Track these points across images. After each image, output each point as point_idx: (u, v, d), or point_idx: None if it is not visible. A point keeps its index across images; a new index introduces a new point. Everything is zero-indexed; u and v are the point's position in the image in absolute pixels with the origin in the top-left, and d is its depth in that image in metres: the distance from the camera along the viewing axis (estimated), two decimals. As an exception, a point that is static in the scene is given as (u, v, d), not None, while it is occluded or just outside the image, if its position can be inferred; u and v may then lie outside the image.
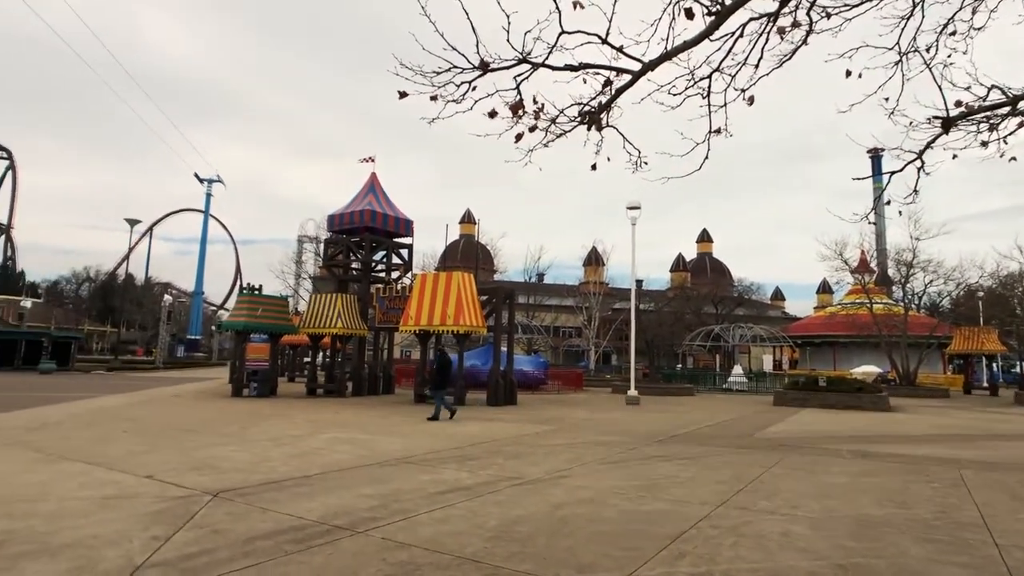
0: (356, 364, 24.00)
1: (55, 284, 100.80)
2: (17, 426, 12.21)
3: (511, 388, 21.44)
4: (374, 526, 5.57)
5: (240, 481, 7.40)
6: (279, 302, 24.54)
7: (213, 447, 10.12)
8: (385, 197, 26.40)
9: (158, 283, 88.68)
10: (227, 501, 6.39)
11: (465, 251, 64.92)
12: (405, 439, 11.68)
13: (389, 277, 26.48)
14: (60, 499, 6.37)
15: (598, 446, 11.35)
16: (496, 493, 7.07)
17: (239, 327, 22.25)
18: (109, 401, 18.83)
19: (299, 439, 11.32)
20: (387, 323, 23.80)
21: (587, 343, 55.08)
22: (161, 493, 6.70)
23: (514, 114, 4.15)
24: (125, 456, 9.03)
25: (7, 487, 6.86)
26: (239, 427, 12.96)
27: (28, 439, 10.49)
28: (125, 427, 12.42)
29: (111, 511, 5.94)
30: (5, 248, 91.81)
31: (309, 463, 8.77)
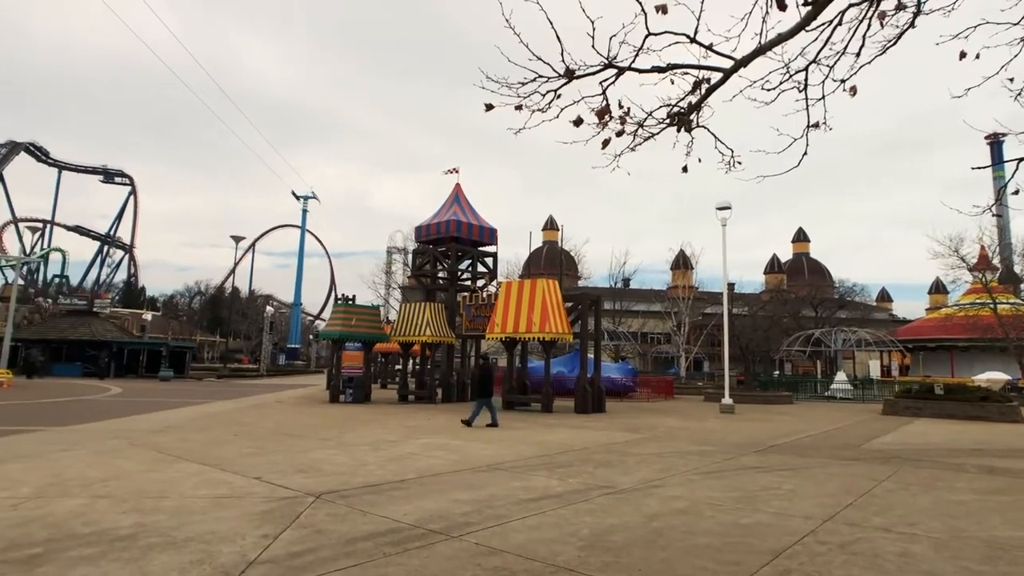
0: (445, 371, 24.53)
1: (171, 298, 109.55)
2: (142, 429, 13.33)
3: (599, 395, 21.21)
4: (468, 531, 5.64)
5: (340, 484, 7.72)
6: (371, 312, 25.51)
7: (315, 451, 10.63)
8: (469, 207, 26.91)
9: (260, 295, 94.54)
10: (329, 503, 6.67)
11: (548, 258, 65.02)
12: (495, 445, 11.80)
13: (475, 285, 26.93)
14: (180, 496, 6.88)
15: (692, 455, 11.01)
16: (587, 502, 7.00)
17: (335, 336, 23.30)
18: (220, 406, 20.21)
19: (394, 444, 11.69)
20: (473, 331, 24.18)
21: (677, 349, 53.64)
22: (269, 494, 7.09)
23: (600, 120, 4.12)
24: (236, 458, 9.64)
25: (136, 484, 7.49)
26: (337, 432, 13.55)
27: (152, 440, 11.42)
28: (235, 431, 13.28)
29: (225, 509, 6.35)
30: (129, 266, 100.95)
31: (405, 468, 9.03)
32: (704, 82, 4.15)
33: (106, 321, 46.23)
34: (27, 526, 5.53)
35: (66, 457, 9.30)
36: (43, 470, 8.21)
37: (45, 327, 44.13)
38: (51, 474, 7.96)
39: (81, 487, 7.23)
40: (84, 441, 11.20)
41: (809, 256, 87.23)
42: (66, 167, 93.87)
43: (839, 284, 71.28)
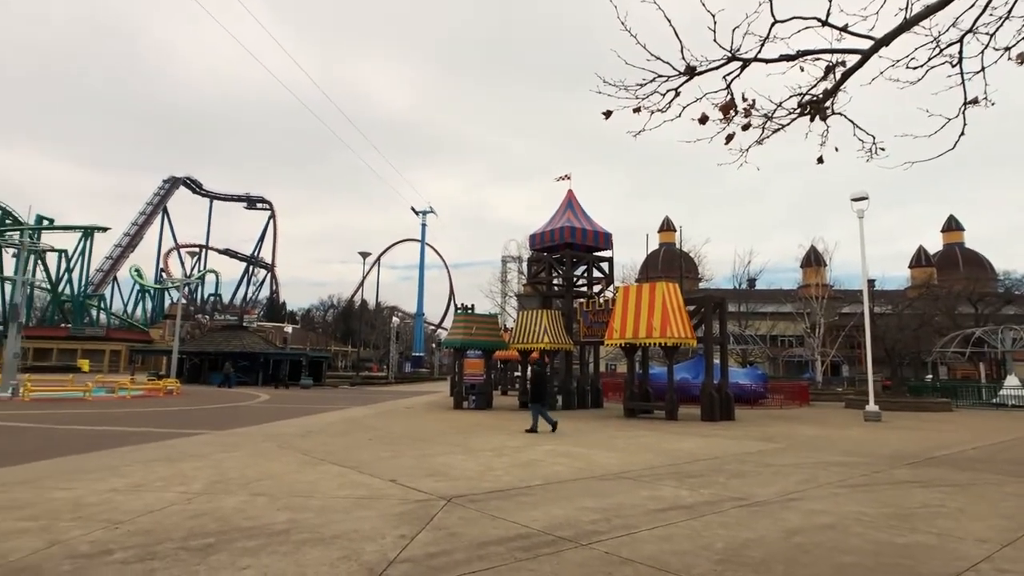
0: (564, 378, 24.54)
1: (308, 312, 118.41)
2: (289, 433, 14.47)
3: (727, 402, 20.28)
4: (597, 539, 5.59)
5: (469, 488, 7.94)
6: (490, 320, 26.10)
7: (443, 455, 11.02)
8: (583, 212, 26.83)
9: (386, 307, 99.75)
10: (459, 507, 6.88)
11: (666, 260, 63.28)
12: (620, 453, 11.62)
13: (591, 291, 26.77)
14: (325, 496, 7.39)
15: (835, 467, 10.22)
16: (721, 514, 6.70)
17: (457, 344, 24.07)
18: (355, 412, 21.50)
19: (519, 450, 11.85)
20: (592, 337, 24.02)
21: (811, 352, 50.12)
22: (404, 496, 7.44)
23: (725, 115, 3.96)
24: (372, 461, 10.20)
25: (286, 484, 8.13)
26: (463, 437, 13.96)
27: (298, 444, 12.37)
28: (370, 435, 14.07)
29: (365, 510, 6.73)
30: (271, 284, 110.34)
31: (530, 474, 9.13)
32: (838, 66, 3.87)
33: (254, 334, 50.81)
34: (200, 519, 6.18)
35: (227, 458, 10.29)
36: (210, 469, 9.14)
37: (204, 340, 49.25)
38: (216, 473, 8.83)
39: (241, 486, 7.96)
40: (241, 444, 12.34)
41: (963, 246, 78.29)
42: (216, 197, 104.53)
43: (1003, 276, 63.27)
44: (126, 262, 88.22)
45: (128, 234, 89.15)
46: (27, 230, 68.85)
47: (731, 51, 3.82)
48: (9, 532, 5.56)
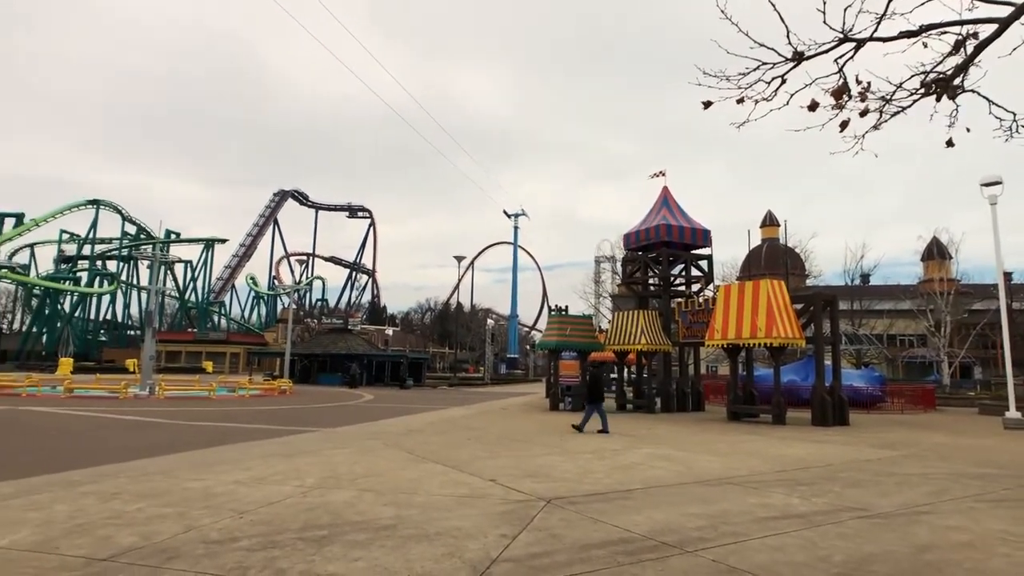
0: (663, 380, 23.95)
1: (407, 315, 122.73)
2: (393, 431, 15.03)
3: (841, 406, 19.02)
4: (703, 546, 5.40)
5: (569, 490, 7.91)
6: (585, 321, 25.92)
7: (541, 456, 11.05)
8: (679, 209, 26.10)
9: (481, 309, 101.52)
10: (559, 508, 6.87)
11: (769, 256, 60.29)
12: (723, 458, 11.19)
13: (689, 290, 25.97)
14: (428, 494, 7.60)
15: (969, 479, 9.32)
16: (838, 525, 6.28)
17: (552, 346, 24.09)
18: (453, 412, 22.02)
19: (617, 453, 11.68)
20: (691, 338, 23.29)
21: (936, 353, 46.08)
22: (504, 496, 7.52)
23: (837, 100, 3.71)
24: (471, 460, 10.40)
25: (392, 481, 8.44)
26: (560, 439, 13.94)
27: (401, 442, 12.82)
28: (468, 435, 14.35)
29: (467, 508, 6.86)
30: (372, 288, 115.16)
31: (630, 477, 8.97)
32: (970, 38, 3.52)
33: (357, 337, 53.28)
34: (314, 511, 6.53)
35: (337, 455, 10.83)
36: (321, 465, 9.66)
37: (313, 343, 52.19)
38: (327, 468, 9.31)
39: (350, 481, 8.34)
40: (349, 441, 12.95)
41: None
42: (321, 207, 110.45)
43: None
44: (242, 271, 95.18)
45: (244, 245, 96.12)
46: (158, 244, 75.91)
47: (843, 32, 3.57)
48: (153, 517, 6.13)
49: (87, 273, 79.81)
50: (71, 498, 6.92)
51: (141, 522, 5.92)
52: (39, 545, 5.15)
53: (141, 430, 14.28)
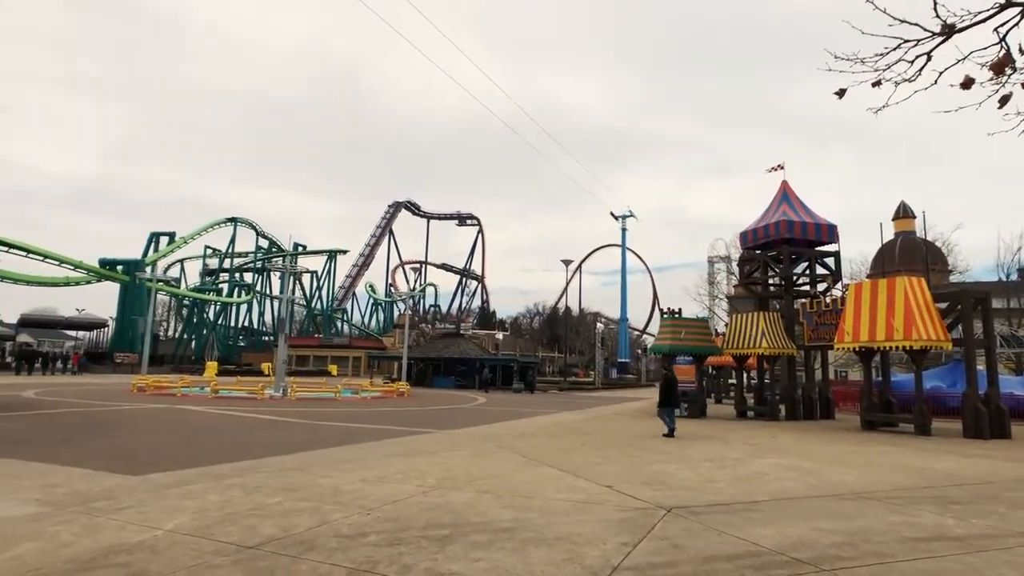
0: (787, 386, 22.58)
1: (515, 319, 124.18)
2: (506, 434, 15.22)
3: (999, 416, 16.99)
4: (841, 565, 5.00)
5: (689, 499, 7.62)
6: (700, 324, 25.00)
7: (658, 464, 10.75)
8: (800, 204, 24.57)
9: (589, 313, 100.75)
10: (680, 518, 6.63)
11: (904, 251, 55.21)
12: (859, 470, 10.34)
13: (814, 290, 24.34)
14: (544, 498, 7.60)
15: None
16: (1006, 551, 5.59)
17: (665, 350, 23.43)
18: (565, 417, 21.96)
19: (739, 462, 11.13)
20: (818, 341, 21.79)
21: (1114, 357, 40.05)
22: (621, 503, 7.37)
23: (997, 73, 3.30)
24: (585, 466, 10.30)
25: (508, 483, 8.53)
26: (677, 446, 13.50)
27: (515, 445, 12.95)
28: (582, 440, 14.25)
29: (584, 514, 6.79)
30: (482, 294, 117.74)
31: (754, 488, 8.51)
32: None
33: (469, 341, 54.63)
34: (436, 511, 6.73)
35: (453, 456, 11.12)
36: (439, 465, 9.95)
37: (427, 347, 54.14)
38: (444, 469, 9.58)
39: (467, 482, 8.53)
40: (464, 443, 13.27)
41: None
42: (432, 216, 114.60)
43: None
44: (362, 279, 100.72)
45: (362, 255, 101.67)
46: (287, 256, 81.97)
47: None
48: (291, 510, 6.58)
49: (227, 284, 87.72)
50: (220, 489, 7.58)
51: (280, 514, 6.37)
52: (197, 531, 5.68)
53: (277, 428, 15.42)
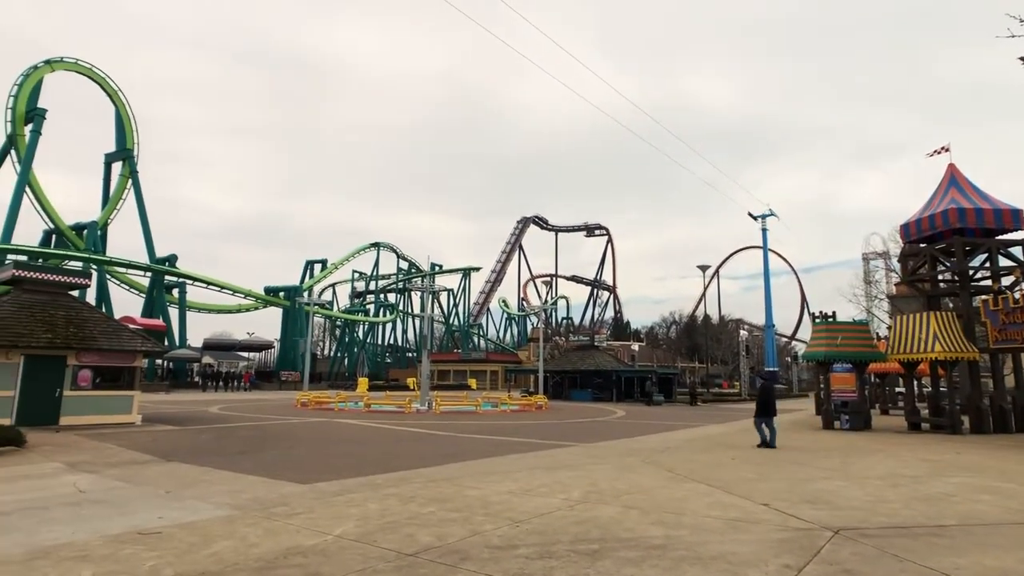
0: (970, 394, 19.96)
1: (651, 329, 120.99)
2: (650, 448, 14.81)
3: None
4: (1063, 606, 4.28)
5: (859, 520, 6.94)
6: (859, 328, 22.86)
7: (819, 480, 9.92)
8: (972, 188, 21.81)
9: (731, 320, 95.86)
10: (850, 540, 6.04)
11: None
12: (1072, 493, 8.86)
13: (998, 284, 21.39)
14: (695, 515, 7.27)
15: None
16: None
17: (819, 357, 21.67)
18: (711, 430, 20.95)
19: (917, 480, 9.98)
20: (1006, 342, 19.09)
21: None
22: (781, 523, 6.87)
23: None
24: (737, 481, 9.73)
25: (656, 499, 8.27)
26: (840, 461, 12.39)
27: (660, 460, 12.55)
28: (732, 454, 13.51)
29: (740, 532, 6.40)
30: (614, 304, 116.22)
31: (939, 510, 7.56)
32: None
33: (604, 353, 54.00)
34: (583, 525, 6.67)
35: (597, 470, 11.00)
36: (583, 479, 9.88)
37: (562, 360, 54.25)
38: (589, 483, 9.49)
39: (613, 497, 8.38)
40: (607, 457, 13.08)
41: None
42: (559, 229, 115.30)
43: None
44: (495, 294, 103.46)
45: (494, 271, 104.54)
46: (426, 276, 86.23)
47: None
48: (444, 520, 6.83)
49: (373, 305, 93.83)
50: (378, 498, 8.04)
51: (434, 524, 6.63)
52: (361, 537, 6.06)
53: (424, 441, 16.15)
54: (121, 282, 57.30)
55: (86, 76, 55.50)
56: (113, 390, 18.50)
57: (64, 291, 19.63)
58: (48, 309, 18.22)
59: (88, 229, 53.80)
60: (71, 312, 18.81)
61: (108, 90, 56.68)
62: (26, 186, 49.26)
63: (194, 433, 16.75)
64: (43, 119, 50.36)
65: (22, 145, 49.24)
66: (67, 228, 53.70)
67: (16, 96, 49.17)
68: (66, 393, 17.43)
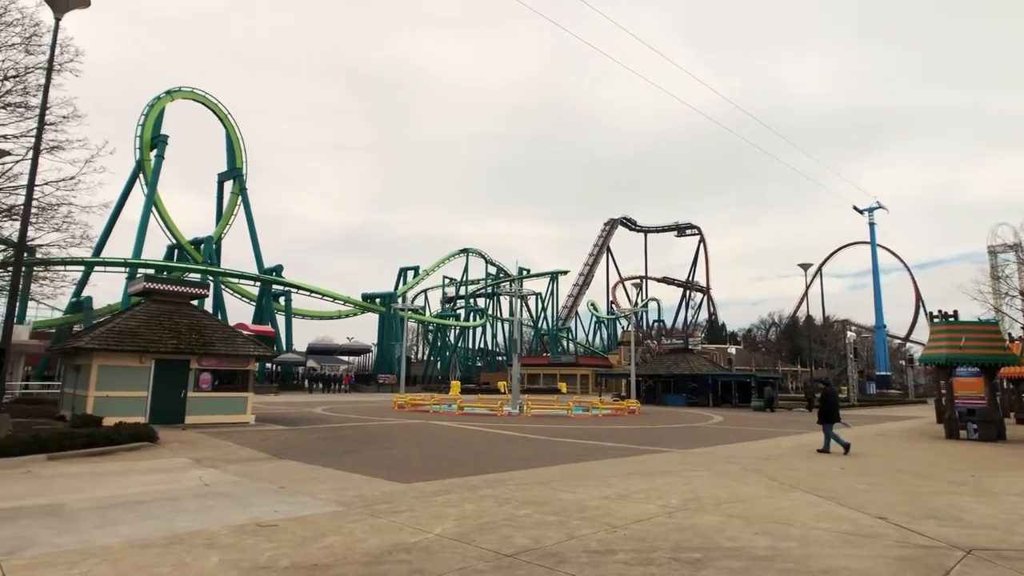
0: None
1: (749, 331, 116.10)
2: (750, 455, 14.21)
3: None
4: None
5: (995, 540, 6.35)
6: (988, 328, 20.89)
7: (943, 495, 9.15)
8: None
9: (836, 320, 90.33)
10: (986, 562, 5.54)
11: None
12: None
13: None
14: (803, 526, 6.90)
15: None
16: None
17: (940, 360, 19.98)
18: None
19: (1061, 497, 9.00)
20: None
21: None
22: (901, 539, 6.40)
23: None
24: (848, 493, 9.16)
25: (759, 508, 7.92)
26: (968, 474, 11.37)
27: (762, 468, 12.01)
28: (841, 464, 12.72)
29: (853, 547, 6.02)
30: (708, 306, 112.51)
31: (1090, 531, 6.79)
32: None
33: (699, 356, 52.32)
34: (683, 532, 6.50)
35: (695, 477, 10.68)
36: (681, 486, 9.62)
37: (655, 364, 53.07)
38: (687, 490, 9.23)
39: (713, 505, 8.11)
40: (704, 463, 12.67)
41: None
42: (648, 230, 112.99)
43: None
44: (583, 298, 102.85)
45: (582, 274, 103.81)
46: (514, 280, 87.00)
47: None
48: (540, 523, 6.87)
49: (463, 310, 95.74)
50: (475, 499, 8.19)
51: (530, 526, 6.68)
52: (460, 536, 6.20)
53: (517, 444, 16.28)
54: (234, 291, 61.66)
55: (200, 103, 60.29)
56: (230, 392, 19.93)
57: (186, 301, 21.38)
58: (173, 317, 19.91)
59: (204, 243, 58.34)
60: (193, 320, 20.45)
61: (219, 114, 61.27)
62: (152, 206, 54.11)
63: (302, 433, 17.74)
64: (165, 144, 55.18)
65: (148, 169, 54.11)
66: (187, 243, 58.46)
67: (143, 125, 54.15)
68: (190, 394, 18.96)
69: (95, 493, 8.28)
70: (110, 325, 19.23)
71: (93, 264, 46.83)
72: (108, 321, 20.84)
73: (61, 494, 8.18)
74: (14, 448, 10.99)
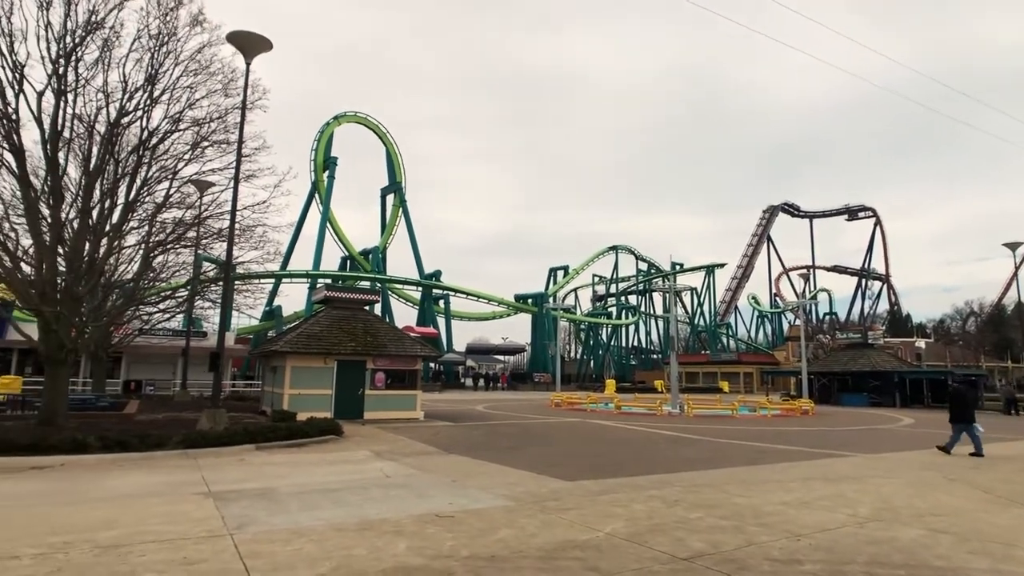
0: None
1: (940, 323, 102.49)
2: (954, 463, 12.55)
3: None
4: None
5: None
6: None
7: None
8: None
9: (1057, 308, 76.86)
10: None
11: None
12: None
13: None
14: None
15: None
16: None
17: None
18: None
19: None
20: None
21: None
22: None
23: None
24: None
25: (970, 524, 6.97)
26: None
27: (969, 477, 10.58)
28: (1075, 475, 10.83)
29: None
30: (888, 295, 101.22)
31: None
32: None
33: (881, 352, 47.13)
34: (879, 546, 5.89)
35: (886, 484, 9.65)
36: (870, 493, 8.75)
37: (829, 360, 48.68)
38: (878, 499, 8.37)
39: (912, 516, 7.28)
40: (896, 470, 11.41)
41: None
42: (814, 215, 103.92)
43: None
44: (743, 291, 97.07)
45: (740, 266, 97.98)
46: (666, 275, 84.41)
47: None
48: (713, 527, 6.59)
49: (615, 308, 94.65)
50: (642, 500, 8.06)
51: (703, 530, 6.43)
52: (631, 536, 6.13)
53: (680, 444, 15.77)
54: (399, 296, 66.32)
55: (362, 124, 65.64)
56: (401, 390, 21.45)
57: (361, 307, 23.37)
58: (350, 322, 21.84)
59: (372, 253, 63.43)
60: (366, 324, 22.30)
61: (378, 133, 66.27)
62: (327, 222, 59.88)
63: (467, 429, 18.62)
64: (335, 165, 60.84)
65: (322, 189, 59.97)
66: (357, 254, 63.94)
67: (316, 149, 60.20)
68: (367, 392, 20.69)
69: (296, 480, 9.31)
70: (299, 330, 21.55)
71: (282, 276, 52.78)
72: (297, 327, 23.37)
73: (270, 480, 9.30)
74: (232, 439, 12.74)
